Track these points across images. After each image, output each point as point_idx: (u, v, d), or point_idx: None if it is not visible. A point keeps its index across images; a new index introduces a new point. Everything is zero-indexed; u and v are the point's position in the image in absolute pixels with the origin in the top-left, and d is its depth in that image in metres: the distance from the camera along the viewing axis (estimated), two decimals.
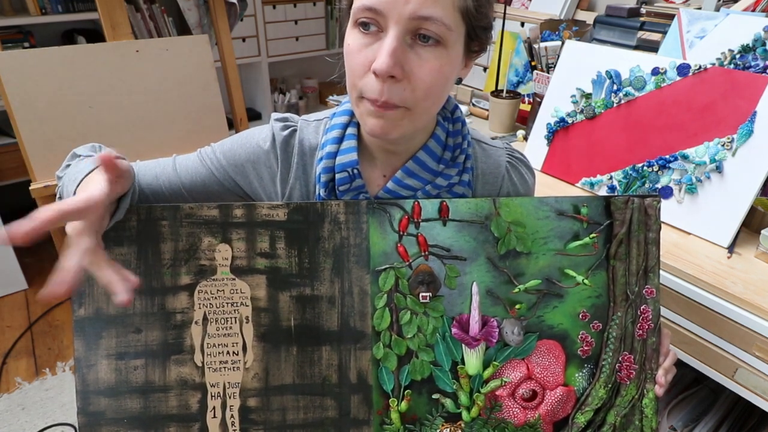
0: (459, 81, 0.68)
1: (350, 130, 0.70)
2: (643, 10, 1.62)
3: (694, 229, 1.02)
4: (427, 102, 0.60)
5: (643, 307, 0.68)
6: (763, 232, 0.93)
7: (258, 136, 0.73)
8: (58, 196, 0.68)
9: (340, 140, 0.70)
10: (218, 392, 0.66)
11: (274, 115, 0.74)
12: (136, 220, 0.65)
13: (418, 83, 0.57)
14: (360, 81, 0.59)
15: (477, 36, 0.62)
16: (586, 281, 0.68)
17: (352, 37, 0.58)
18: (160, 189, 0.72)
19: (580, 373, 0.69)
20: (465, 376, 0.67)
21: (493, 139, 0.80)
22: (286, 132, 0.72)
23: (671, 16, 1.47)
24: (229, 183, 0.74)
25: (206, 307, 0.66)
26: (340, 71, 0.76)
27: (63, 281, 0.48)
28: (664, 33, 1.34)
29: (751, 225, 1.01)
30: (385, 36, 0.55)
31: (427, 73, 0.57)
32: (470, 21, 0.59)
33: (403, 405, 0.67)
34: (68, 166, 0.68)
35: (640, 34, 1.57)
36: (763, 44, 1.06)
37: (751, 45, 1.07)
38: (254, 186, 0.74)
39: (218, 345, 0.66)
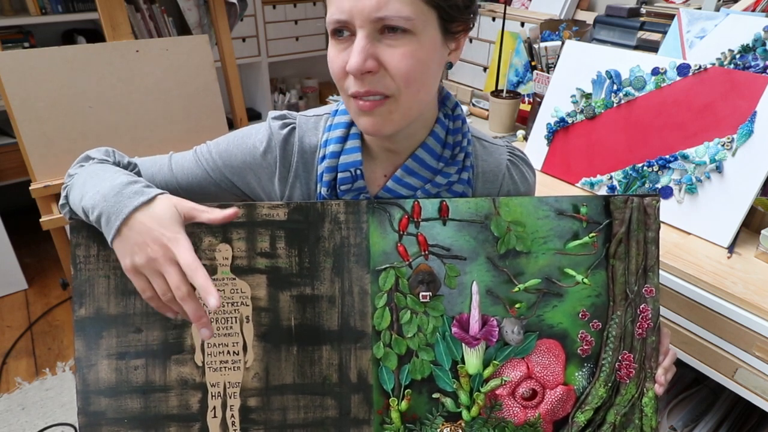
0: (450, 66, 0.68)
1: (354, 130, 0.70)
2: (643, 10, 1.62)
3: (694, 229, 1.02)
4: (410, 89, 0.61)
5: (642, 306, 0.68)
6: (763, 232, 0.93)
7: (254, 137, 0.72)
8: (64, 194, 0.67)
9: (344, 139, 0.69)
10: (218, 392, 0.67)
11: (272, 113, 0.74)
12: None
13: (395, 71, 0.59)
14: (344, 83, 0.61)
15: (454, 17, 0.61)
16: (585, 280, 0.68)
17: (330, 47, 0.62)
18: None
19: (580, 372, 0.69)
20: (465, 376, 0.67)
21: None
22: (285, 130, 0.72)
23: (671, 16, 1.47)
24: (226, 184, 0.73)
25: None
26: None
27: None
28: (664, 33, 1.34)
29: (751, 225, 1.01)
30: (356, 38, 0.58)
31: (399, 59, 0.58)
32: (439, 4, 0.59)
33: (404, 404, 0.67)
34: (81, 166, 0.68)
35: (640, 34, 1.57)
36: (763, 44, 1.06)
37: (751, 45, 1.07)
38: (252, 186, 0.74)
39: (218, 345, 0.66)
